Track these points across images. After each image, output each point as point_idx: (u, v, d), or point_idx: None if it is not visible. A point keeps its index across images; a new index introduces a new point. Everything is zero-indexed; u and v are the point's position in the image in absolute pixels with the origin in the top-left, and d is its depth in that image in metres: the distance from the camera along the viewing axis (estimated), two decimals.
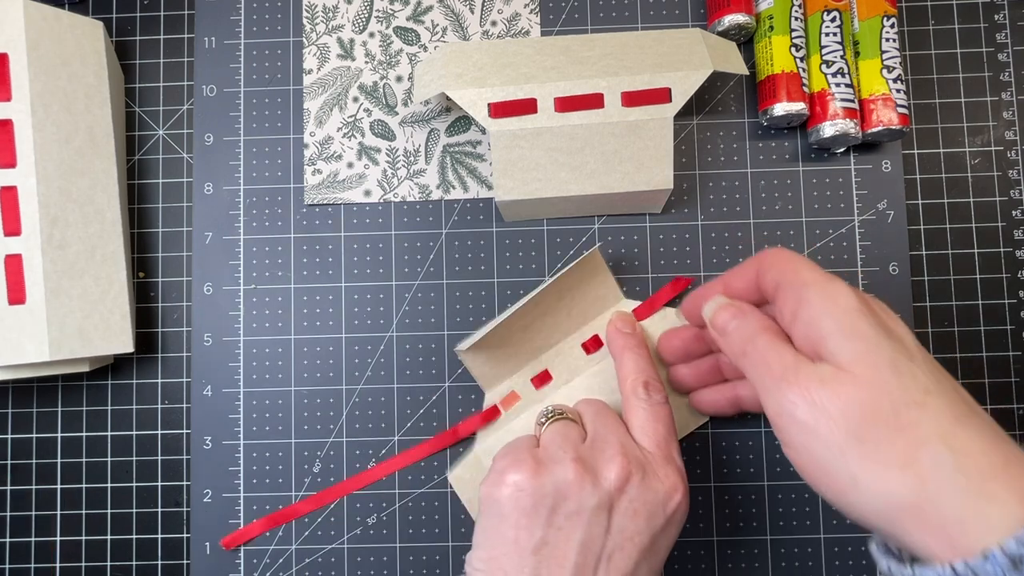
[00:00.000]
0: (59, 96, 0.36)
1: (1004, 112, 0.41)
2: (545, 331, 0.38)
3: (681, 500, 0.31)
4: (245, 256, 0.40)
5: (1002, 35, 0.41)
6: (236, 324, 0.40)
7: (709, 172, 0.40)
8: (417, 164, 0.40)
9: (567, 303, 0.38)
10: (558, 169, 0.37)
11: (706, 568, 0.38)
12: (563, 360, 0.39)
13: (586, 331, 0.39)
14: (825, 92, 0.38)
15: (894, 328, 0.27)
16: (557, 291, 0.37)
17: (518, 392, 0.38)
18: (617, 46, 0.37)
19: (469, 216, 0.40)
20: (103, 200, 0.38)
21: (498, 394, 0.39)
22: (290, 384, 0.40)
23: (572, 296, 0.38)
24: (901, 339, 0.26)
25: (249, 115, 0.41)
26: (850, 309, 0.26)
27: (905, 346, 0.26)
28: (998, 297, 0.40)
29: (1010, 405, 0.39)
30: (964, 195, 0.40)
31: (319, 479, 0.39)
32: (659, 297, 0.39)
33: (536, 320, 0.37)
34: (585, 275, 0.37)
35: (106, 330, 0.37)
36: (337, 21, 0.41)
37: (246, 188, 0.41)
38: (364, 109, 0.41)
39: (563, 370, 0.39)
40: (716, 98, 0.41)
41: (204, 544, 0.39)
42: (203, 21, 0.41)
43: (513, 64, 0.37)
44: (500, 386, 0.39)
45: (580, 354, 0.39)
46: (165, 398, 0.40)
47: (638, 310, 0.39)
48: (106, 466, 0.40)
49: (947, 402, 0.24)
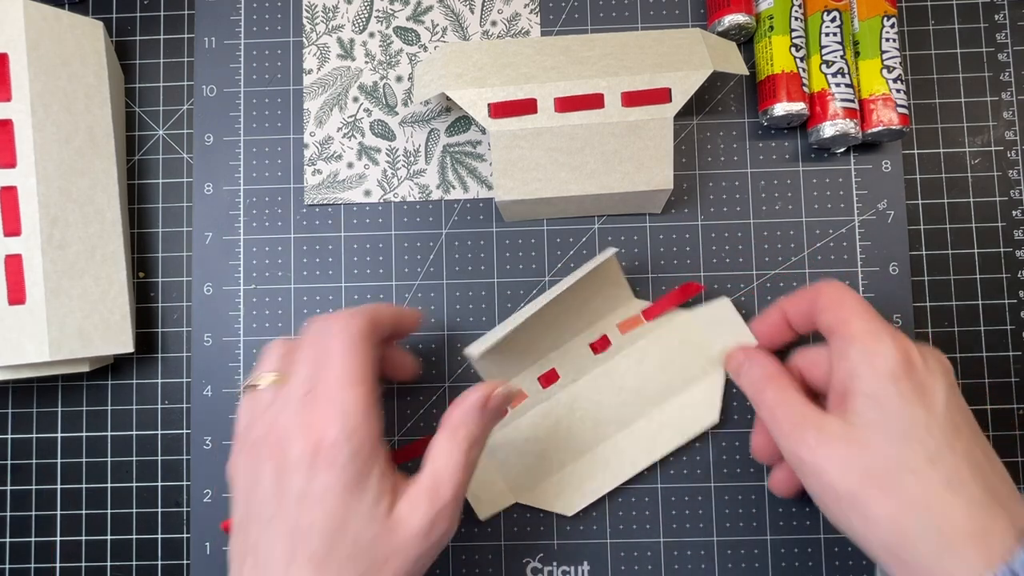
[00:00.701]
0: (59, 96, 0.36)
1: (1004, 112, 0.41)
2: (555, 331, 0.38)
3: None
4: (245, 256, 0.40)
5: (1002, 35, 0.41)
6: (236, 324, 0.40)
7: (709, 172, 0.40)
8: (417, 164, 0.40)
9: (578, 304, 0.38)
10: (558, 169, 0.37)
11: (706, 568, 0.38)
12: (570, 359, 0.39)
13: (595, 331, 0.39)
14: (825, 92, 0.38)
15: (929, 387, 0.28)
16: (570, 294, 0.37)
17: (525, 391, 0.38)
18: (617, 46, 0.37)
19: (469, 216, 0.40)
20: (103, 200, 0.38)
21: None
22: None
23: (584, 298, 0.38)
24: (931, 403, 0.28)
25: (249, 115, 0.41)
26: (884, 373, 0.28)
27: (932, 410, 0.28)
28: (998, 297, 0.40)
29: (1010, 405, 0.39)
30: (964, 195, 0.40)
31: None
32: (668, 300, 0.38)
33: (548, 319, 0.37)
34: (599, 279, 0.37)
35: (106, 330, 0.37)
36: (337, 21, 0.41)
37: (246, 188, 0.41)
38: (364, 109, 0.41)
39: (570, 369, 0.39)
40: (716, 98, 0.41)
41: (204, 544, 0.39)
42: (203, 21, 0.41)
43: (513, 64, 0.37)
44: (509, 377, 0.38)
45: (588, 353, 0.39)
46: (165, 398, 0.40)
47: (647, 311, 0.38)
48: (106, 466, 0.40)
49: (947, 470, 0.27)
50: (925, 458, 0.27)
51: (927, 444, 0.27)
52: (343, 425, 0.27)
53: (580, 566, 0.38)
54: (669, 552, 0.38)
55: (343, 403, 0.28)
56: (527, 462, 0.38)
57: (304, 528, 0.27)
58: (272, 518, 0.28)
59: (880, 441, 0.28)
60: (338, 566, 0.27)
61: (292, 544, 0.27)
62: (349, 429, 0.27)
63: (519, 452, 0.38)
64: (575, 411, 0.38)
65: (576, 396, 0.38)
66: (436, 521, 0.28)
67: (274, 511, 0.28)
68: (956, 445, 0.27)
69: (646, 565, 0.38)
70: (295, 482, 0.27)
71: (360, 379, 0.29)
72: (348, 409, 0.28)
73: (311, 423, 0.28)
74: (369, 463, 0.28)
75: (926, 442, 0.27)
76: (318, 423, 0.28)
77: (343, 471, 0.27)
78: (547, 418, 0.38)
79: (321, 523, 0.27)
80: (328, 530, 0.27)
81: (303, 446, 0.28)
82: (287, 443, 0.28)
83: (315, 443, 0.27)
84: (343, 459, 0.27)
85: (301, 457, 0.27)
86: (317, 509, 0.27)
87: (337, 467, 0.27)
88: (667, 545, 0.38)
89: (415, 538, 0.28)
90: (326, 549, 0.27)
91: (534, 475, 0.38)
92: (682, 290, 0.38)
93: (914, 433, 0.27)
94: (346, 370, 0.29)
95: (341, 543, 0.27)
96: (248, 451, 0.30)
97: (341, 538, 0.27)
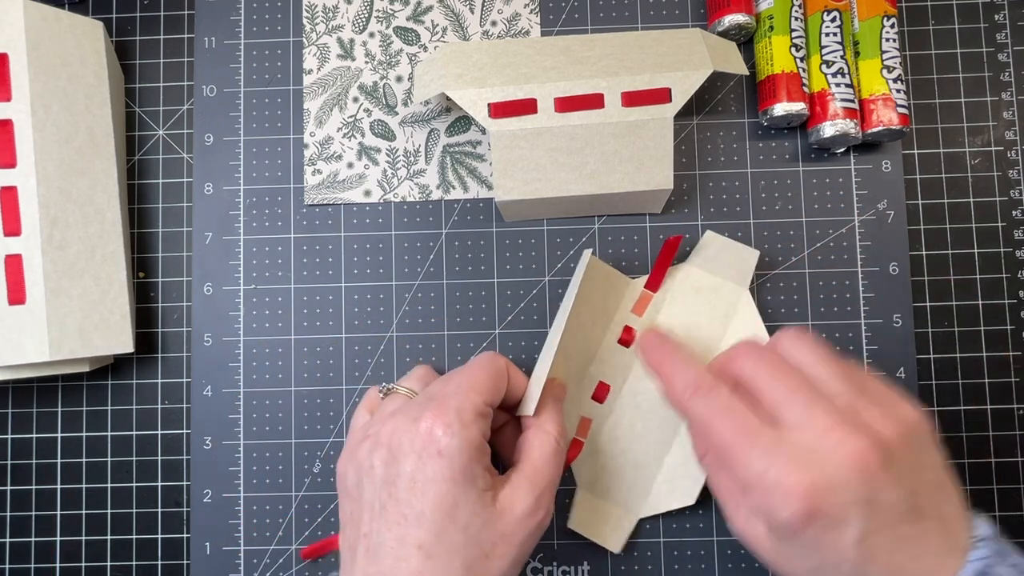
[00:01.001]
0: (59, 96, 0.36)
1: (1004, 112, 0.41)
2: (581, 348, 0.38)
3: (433, 431, 0.29)
4: (245, 256, 0.40)
5: (1002, 35, 0.41)
6: (236, 324, 0.40)
7: (709, 172, 0.40)
8: (417, 164, 0.40)
9: (585, 313, 0.37)
10: (558, 169, 0.37)
11: (706, 568, 0.38)
12: (609, 365, 0.38)
13: (615, 328, 0.39)
14: (825, 92, 0.38)
15: (840, 523, 0.26)
16: (575, 311, 0.37)
17: (586, 416, 0.38)
18: (617, 46, 0.37)
19: (469, 216, 0.40)
20: (103, 200, 0.38)
21: (571, 427, 0.38)
22: (290, 384, 0.40)
23: (584, 303, 0.37)
24: (839, 546, 0.26)
25: (249, 115, 0.41)
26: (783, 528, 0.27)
27: (839, 553, 0.26)
28: (998, 297, 0.40)
29: (1010, 405, 0.39)
30: (964, 195, 0.40)
31: (319, 479, 0.39)
32: (660, 264, 0.38)
33: (569, 344, 0.37)
34: (594, 283, 0.37)
35: (106, 330, 0.37)
36: (337, 21, 0.41)
37: (246, 188, 0.41)
38: (364, 109, 0.41)
39: (615, 374, 0.38)
40: (716, 98, 0.41)
41: (204, 544, 0.39)
42: (203, 21, 0.41)
43: (513, 64, 0.37)
44: (568, 419, 0.38)
45: (621, 350, 0.38)
46: (165, 398, 0.40)
47: (648, 284, 0.38)
48: (106, 466, 0.40)
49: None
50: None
51: (839, 574, 0.27)
52: (456, 419, 0.29)
53: (580, 566, 0.38)
54: (669, 552, 0.38)
55: (458, 401, 0.30)
56: (628, 477, 0.38)
57: (414, 515, 0.28)
58: (384, 506, 0.29)
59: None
60: (447, 553, 0.28)
61: (402, 531, 0.28)
62: (460, 423, 0.29)
63: (615, 474, 0.38)
64: (640, 406, 0.38)
65: (634, 393, 0.38)
66: (538, 506, 0.30)
67: (385, 499, 0.29)
68: (869, 569, 0.26)
69: (646, 565, 0.38)
70: (406, 468, 0.29)
71: (480, 390, 0.31)
72: (462, 406, 0.30)
73: (426, 417, 0.30)
74: (477, 456, 0.30)
75: (837, 572, 0.27)
76: (432, 417, 0.30)
77: (452, 461, 0.29)
78: (620, 427, 0.38)
79: (431, 510, 0.28)
80: (437, 518, 0.28)
81: (416, 436, 0.29)
82: (402, 434, 0.30)
83: (427, 432, 0.29)
84: (453, 449, 0.29)
85: (413, 445, 0.29)
86: (428, 495, 0.28)
87: (447, 456, 0.29)
88: (667, 545, 0.38)
89: (519, 523, 0.30)
90: (435, 536, 0.28)
91: (641, 485, 0.37)
92: (666, 248, 0.38)
93: (825, 566, 0.27)
94: (469, 381, 0.31)
95: (450, 530, 0.28)
96: (363, 445, 0.31)
97: (450, 525, 0.28)
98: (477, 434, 0.30)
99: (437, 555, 0.28)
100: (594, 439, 0.38)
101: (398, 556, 0.28)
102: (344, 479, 0.32)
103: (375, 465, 0.30)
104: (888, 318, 0.39)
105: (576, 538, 0.38)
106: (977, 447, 0.39)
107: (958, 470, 0.39)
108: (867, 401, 0.27)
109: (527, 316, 0.40)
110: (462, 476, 0.29)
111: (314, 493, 0.39)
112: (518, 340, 0.40)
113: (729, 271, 0.38)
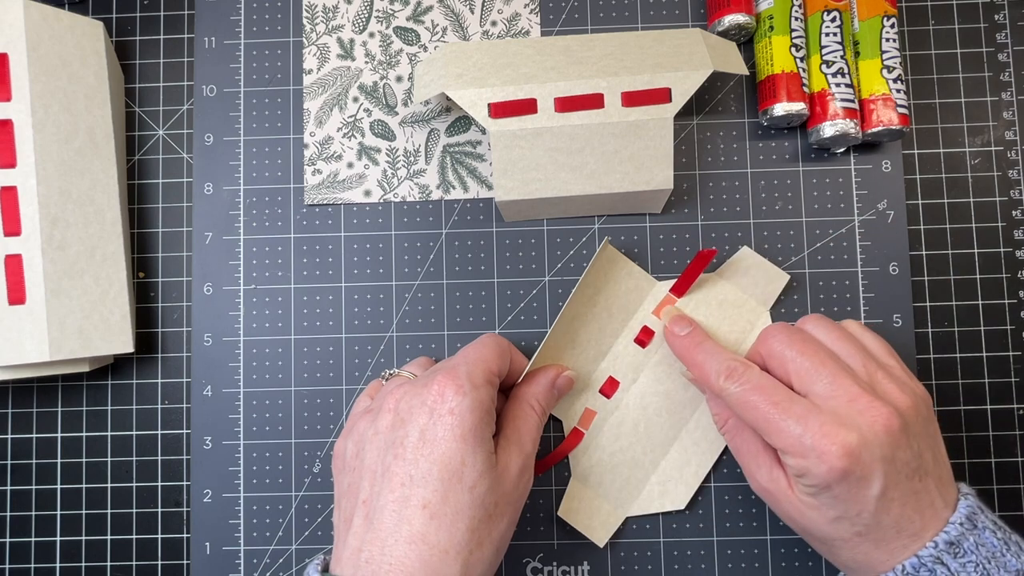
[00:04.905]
0: (59, 96, 0.36)
1: (1004, 112, 0.41)
2: (594, 339, 0.38)
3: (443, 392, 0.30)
4: (245, 256, 0.40)
5: (1002, 35, 0.41)
6: (236, 324, 0.40)
7: (709, 172, 0.40)
8: (417, 164, 0.40)
9: (603, 305, 0.38)
10: (558, 169, 0.37)
11: (706, 568, 0.38)
12: (623, 361, 0.38)
13: (634, 325, 0.39)
14: (825, 92, 0.38)
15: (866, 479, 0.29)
16: (588, 296, 0.37)
17: (592, 408, 0.38)
18: (617, 46, 0.37)
19: (469, 216, 0.40)
20: (103, 200, 0.38)
21: (574, 416, 0.38)
22: (290, 384, 0.40)
23: (605, 296, 0.38)
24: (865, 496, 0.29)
25: (249, 115, 0.41)
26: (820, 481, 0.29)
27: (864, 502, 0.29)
28: (998, 297, 0.40)
29: (1010, 405, 0.39)
30: (964, 195, 0.40)
31: (319, 479, 0.39)
32: (691, 272, 0.38)
33: (580, 332, 0.37)
34: (607, 271, 0.37)
35: (106, 330, 0.37)
36: (337, 21, 0.41)
37: (246, 188, 0.41)
38: (364, 109, 0.41)
39: (627, 371, 0.38)
40: (716, 98, 0.41)
41: (204, 544, 0.39)
42: (203, 21, 0.41)
43: (513, 64, 0.37)
44: (573, 408, 0.38)
45: (636, 350, 0.38)
46: (165, 398, 0.40)
47: (674, 289, 0.38)
48: (106, 466, 0.40)
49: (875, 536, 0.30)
50: (854, 533, 0.30)
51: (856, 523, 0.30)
52: (467, 380, 0.30)
53: (580, 566, 0.38)
54: (669, 552, 0.38)
55: (468, 368, 0.31)
56: (623, 475, 0.38)
57: (420, 475, 0.28)
58: (388, 469, 0.29)
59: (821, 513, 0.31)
60: (453, 514, 0.28)
61: (406, 492, 0.28)
62: (471, 384, 0.30)
63: (611, 469, 0.38)
64: (647, 408, 0.38)
65: (643, 393, 0.38)
66: (524, 469, 0.31)
67: (391, 461, 0.29)
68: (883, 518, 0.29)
69: (646, 565, 0.38)
70: (415, 427, 0.29)
71: (487, 360, 0.32)
72: (472, 371, 0.31)
73: (436, 380, 0.30)
74: (487, 419, 0.30)
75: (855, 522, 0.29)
76: (443, 379, 0.30)
77: (463, 419, 0.29)
78: (623, 425, 0.38)
79: (440, 469, 0.28)
80: (445, 476, 0.28)
81: (428, 397, 0.30)
82: (411, 398, 0.30)
83: (439, 393, 0.30)
84: (464, 408, 0.29)
85: (424, 405, 0.29)
86: (437, 453, 0.28)
87: (458, 415, 0.29)
88: (667, 545, 0.38)
89: (514, 483, 0.30)
90: (441, 496, 0.28)
91: (634, 484, 0.38)
92: (699, 259, 0.37)
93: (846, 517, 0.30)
94: (476, 354, 0.32)
95: (456, 490, 0.28)
96: (363, 418, 0.32)
97: (457, 484, 0.28)
98: (487, 397, 0.30)
99: (442, 515, 0.28)
100: (595, 432, 0.38)
101: (400, 518, 0.28)
102: (342, 455, 0.32)
103: (380, 431, 0.30)
104: (888, 318, 0.39)
105: (576, 538, 0.38)
106: (977, 447, 0.39)
107: (958, 470, 0.39)
108: (883, 375, 0.31)
109: (527, 316, 0.40)
110: (472, 435, 0.29)
111: (314, 493, 0.39)
112: (518, 340, 0.40)
113: (755, 289, 0.38)
